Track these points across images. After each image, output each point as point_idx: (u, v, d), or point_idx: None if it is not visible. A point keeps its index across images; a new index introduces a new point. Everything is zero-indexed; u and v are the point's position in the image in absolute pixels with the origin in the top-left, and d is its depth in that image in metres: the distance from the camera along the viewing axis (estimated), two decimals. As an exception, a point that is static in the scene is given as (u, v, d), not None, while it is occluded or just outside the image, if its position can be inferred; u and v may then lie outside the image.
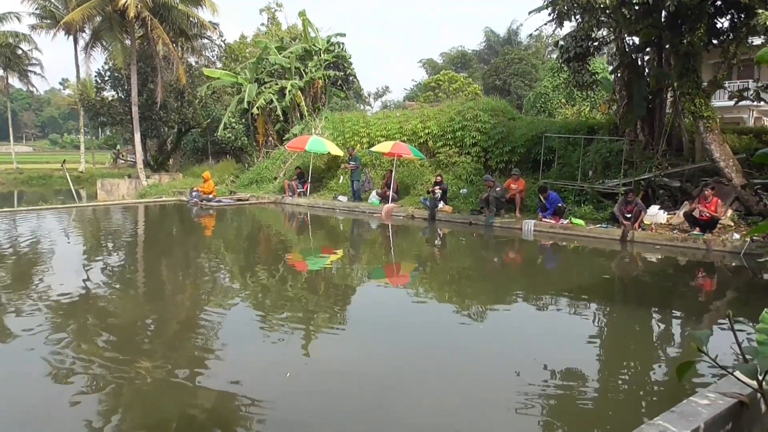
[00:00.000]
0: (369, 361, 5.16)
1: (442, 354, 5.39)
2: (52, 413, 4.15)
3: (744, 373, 1.21)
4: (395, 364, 5.10)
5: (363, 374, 4.86)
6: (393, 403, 4.29)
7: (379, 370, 4.93)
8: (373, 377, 4.79)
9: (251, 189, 20.78)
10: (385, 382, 4.69)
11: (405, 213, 15.56)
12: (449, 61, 54.94)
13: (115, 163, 41.30)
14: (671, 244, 11.08)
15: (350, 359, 5.23)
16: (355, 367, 5.01)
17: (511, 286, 8.65)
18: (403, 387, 4.58)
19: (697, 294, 8.54)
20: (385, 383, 4.66)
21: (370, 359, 5.22)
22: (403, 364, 5.09)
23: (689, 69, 12.17)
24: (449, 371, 4.94)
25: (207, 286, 8.38)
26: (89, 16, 24.26)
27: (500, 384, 4.67)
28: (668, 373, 4.99)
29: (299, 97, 22.97)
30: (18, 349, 5.35)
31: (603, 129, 15.75)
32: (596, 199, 13.56)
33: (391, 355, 5.33)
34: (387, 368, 4.98)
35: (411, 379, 4.75)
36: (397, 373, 4.86)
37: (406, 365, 5.06)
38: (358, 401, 4.38)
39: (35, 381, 4.59)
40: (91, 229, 14.70)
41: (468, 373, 4.92)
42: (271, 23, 36.93)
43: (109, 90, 29.45)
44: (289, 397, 4.37)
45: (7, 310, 6.55)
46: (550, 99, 28.41)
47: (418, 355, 5.34)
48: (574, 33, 14.42)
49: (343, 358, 5.25)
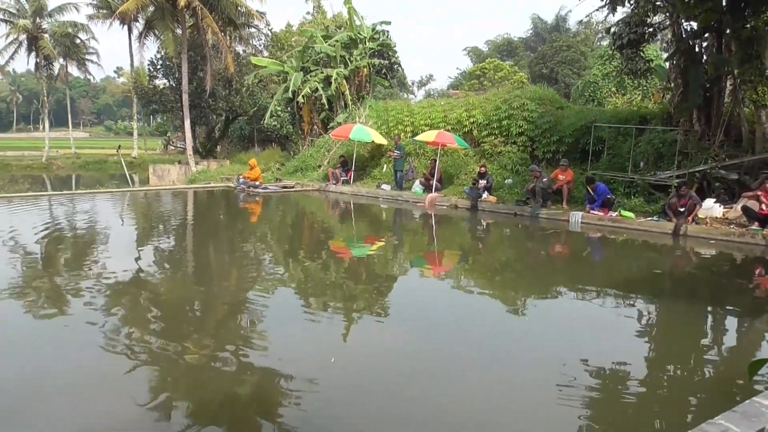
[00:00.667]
0: (407, 354, 5.15)
1: (483, 346, 5.34)
2: (105, 384, 4.35)
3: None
4: (436, 357, 5.07)
5: (402, 366, 4.85)
6: (432, 398, 4.28)
7: (419, 364, 4.91)
8: (412, 371, 4.77)
9: (296, 176, 21.04)
10: (420, 377, 4.67)
11: (448, 203, 15.46)
12: (495, 49, 54.02)
13: (165, 150, 42.53)
14: (727, 239, 10.63)
15: (388, 350, 5.24)
16: (392, 359, 5.01)
17: (556, 279, 8.48)
18: (444, 382, 4.56)
19: (755, 292, 8.17)
20: (420, 378, 4.64)
21: (410, 351, 5.21)
22: (445, 358, 5.05)
23: (752, 55, 11.59)
24: (490, 364, 4.88)
25: (252, 270, 8.56)
26: (143, 6, 24.96)
27: (543, 378, 4.58)
28: (723, 372, 4.80)
29: (344, 86, 23.03)
30: (76, 323, 5.61)
31: (656, 119, 15.19)
32: (647, 191, 13.12)
33: (432, 348, 5.30)
34: (427, 362, 4.95)
35: (452, 373, 4.72)
36: (437, 368, 4.84)
37: (447, 359, 5.03)
38: (397, 393, 4.38)
39: (91, 353, 4.82)
40: (143, 212, 15.21)
41: (509, 366, 4.86)
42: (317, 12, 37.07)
43: (160, 78, 30.31)
44: (331, 382, 4.42)
45: (67, 288, 6.89)
46: (599, 87, 27.59)
47: (458, 346, 5.30)
48: (628, 19, 13.93)
49: (381, 348, 5.26)
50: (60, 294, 6.72)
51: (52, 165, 35.50)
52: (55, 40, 37.02)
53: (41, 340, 5.23)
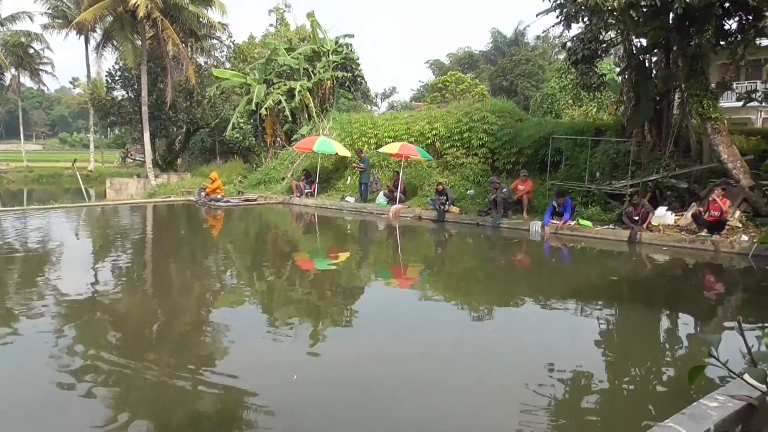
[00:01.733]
0: (375, 362, 5.20)
1: (449, 355, 5.43)
2: (61, 409, 4.21)
3: (753, 377, 1.25)
4: (401, 365, 5.14)
5: (368, 374, 4.90)
6: (398, 403, 4.34)
7: (385, 371, 4.96)
8: (378, 378, 4.83)
9: (259, 189, 20.88)
10: (390, 382, 4.73)
11: (412, 214, 15.61)
12: (456, 62, 54.93)
13: (123, 163, 41.55)
14: (679, 246, 11.08)
15: (356, 359, 5.26)
16: (360, 368, 5.05)
17: (518, 287, 8.67)
18: (409, 388, 4.62)
19: (706, 296, 8.54)
20: (390, 384, 4.70)
21: (376, 360, 5.25)
22: (410, 365, 5.12)
23: (697, 71, 12.15)
24: (456, 372, 4.97)
25: (214, 285, 8.46)
26: (101, 17, 24.48)
27: (507, 385, 4.70)
28: (676, 375, 5.01)
29: (308, 98, 23.06)
30: (27, 346, 5.41)
31: (610, 130, 15.74)
32: (603, 200, 13.56)
33: (397, 356, 5.36)
34: (393, 369, 5.01)
35: (417, 379, 4.78)
36: (403, 374, 4.90)
37: (412, 366, 5.09)
38: (363, 402, 4.42)
39: (44, 377, 4.64)
40: (100, 228, 14.84)
41: (475, 374, 4.95)
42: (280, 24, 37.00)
43: (119, 89, 29.70)
44: (295, 396, 4.41)
45: (17, 308, 6.63)
46: (557, 100, 28.40)
47: (424, 356, 5.37)
48: (582, 35, 14.43)
49: (349, 359, 5.29)
50: (10, 314, 6.45)
51: (3, 179, 34.21)
52: (6, 49, 35.85)
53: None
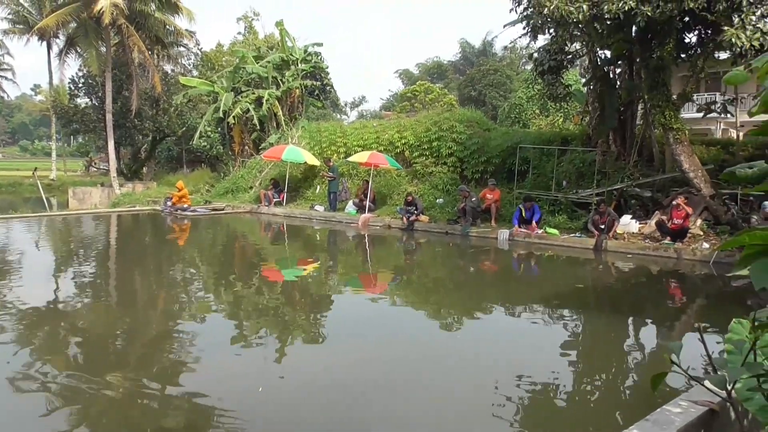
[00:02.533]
0: (343, 374, 5.13)
1: (419, 364, 5.39)
2: (23, 426, 4.04)
3: (714, 383, 1.24)
4: (371, 374, 5.09)
5: (338, 385, 4.83)
6: (368, 413, 4.28)
7: (355, 384, 4.90)
8: (346, 389, 4.76)
9: (227, 198, 20.60)
10: (358, 394, 4.67)
11: (382, 223, 15.58)
12: (425, 72, 55.43)
13: (87, 171, 40.51)
14: (643, 253, 11.30)
15: (326, 370, 5.19)
16: (330, 378, 4.98)
17: (487, 295, 8.71)
18: (378, 397, 4.57)
19: (669, 302, 8.71)
20: (358, 395, 4.64)
21: (345, 372, 5.18)
22: (380, 375, 5.07)
23: (659, 82, 12.49)
24: (426, 381, 4.94)
25: (180, 297, 8.26)
26: (64, 22, 23.88)
27: (476, 393, 4.69)
28: (642, 381, 5.07)
29: (276, 107, 22.90)
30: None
31: (576, 140, 16.03)
32: (570, 208, 13.78)
33: (367, 365, 5.31)
34: (363, 382, 4.95)
35: (388, 392, 4.74)
36: (373, 387, 4.85)
37: (382, 376, 5.05)
38: (333, 412, 4.35)
39: (3, 393, 4.47)
40: (62, 238, 14.40)
41: (444, 382, 4.93)
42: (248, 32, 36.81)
43: (82, 97, 29.01)
44: (263, 409, 4.32)
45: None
46: (524, 110, 28.84)
47: (394, 365, 5.33)
48: (548, 46, 14.70)
49: (319, 369, 5.21)
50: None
51: (-40, 188, 33.04)
52: (-36, 55, 34.80)
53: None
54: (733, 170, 1.29)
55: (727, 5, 10.25)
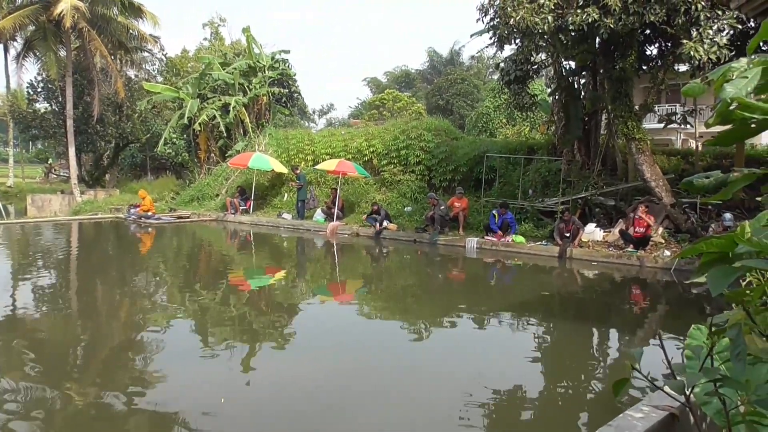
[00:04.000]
0: (312, 381, 5.06)
1: (387, 372, 5.36)
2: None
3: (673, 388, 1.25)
4: (339, 383, 5.03)
5: (305, 394, 4.76)
6: (336, 423, 4.22)
7: (322, 392, 4.84)
8: (316, 397, 4.70)
9: (192, 206, 20.27)
10: (328, 402, 4.61)
11: (350, 231, 15.54)
12: (393, 80, 55.68)
13: (46, 178, 39.32)
14: (607, 261, 11.53)
15: (293, 379, 5.12)
16: (297, 388, 4.91)
17: (454, 303, 8.73)
18: (347, 407, 4.52)
19: (632, 309, 8.88)
20: (328, 403, 4.58)
21: (313, 380, 5.12)
22: (348, 384, 5.02)
23: (621, 93, 12.81)
24: (393, 389, 4.91)
25: (144, 306, 8.05)
26: (21, 25, 23.15)
27: (443, 400, 4.68)
28: (605, 387, 5.14)
29: (243, 114, 22.68)
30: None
31: (542, 149, 16.31)
32: (536, 217, 13.98)
33: (335, 374, 5.25)
34: (331, 388, 4.90)
35: (356, 400, 4.69)
36: (341, 395, 4.79)
37: (350, 385, 5.00)
38: (296, 424, 4.28)
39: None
40: (20, 247, 13.91)
41: (411, 390, 4.90)
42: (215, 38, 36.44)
43: (41, 102, 28.19)
44: (229, 420, 4.22)
45: None
46: (491, 119, 29.21)
47: (362, 374, 5.29)
48: (514, 56, 14.94)
49: (286, 379, 5.14)
50: None
51: None
52: None
53: None
54: (692, 180, 1.31)
55: (686, 19, 10.60)
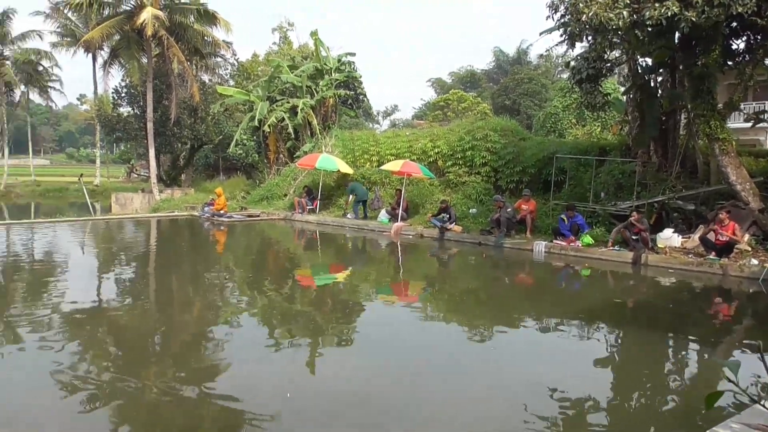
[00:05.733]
0: (372, 381, 5.05)
1: (448, 376, 5.25)
2: (60, 422, 4.14)
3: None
4: (399, 385, 4.97)
5: (366, 394, 4.75)
6: (392, 425, 4.16)
7: (383, 391, 4.81)
8: (375, 398, 4.67)
9: (262, 205, 20.83)
10: (386, 403, 4.57)
11: (414, 232, 15.46)
12: (458, 81, 55.20)
13: (128, 178, 41.73)
14: (686, 269, 10.85)
15: (354, 379, 5.12)
16: (358, 387, 4.91)
17: (520, 308, 8.48)
18: (403, 407, 4.45)
19: (714, 320, 8.31)
20: (385, 404, 4.54)
21: (374, 379, 5.10)
22: (406, 385, 4.96)
23: (703, 90, 12.04)
24: (455, 394, 4.80)
25: (216, 300, 8.33)
26: (108, 35, 24.63)
27: (507, 409, 4.52)
28: (684, 402, 4.82)
29: (310, 116, 23.10)
30: (29, 359, 5.35)
31: (615, 150, 15.62)
32: (608, 221, 13.37)
33: (395, 376, 5.20)
34: (391, 389, 4.85)
35: (415, 401, 4.61)
36: (400, 395, 4.73)
37: (408, 386, 4.94)
38: (359, 421, 4.25)
39: (45, 391, 4.60)
40: (104, 241, 14.76)
41: (474, 397, 4.78)
42: (283, 42, 37.37)
43: (125, 106, 29.88)
44: (292, 415, 4.27)
45: (21, 321, 6.56)
46: (560, 119, 28.36)
47: (423, 376, 5.20)
48: (586, 54, 14.35)
49: (347, 377, 5.15)
50: (12, 326, 6.38)
51: (11, 193, 34.39)
52: (17, 67, 36.27)
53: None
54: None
55: (778, 10, 9.84)
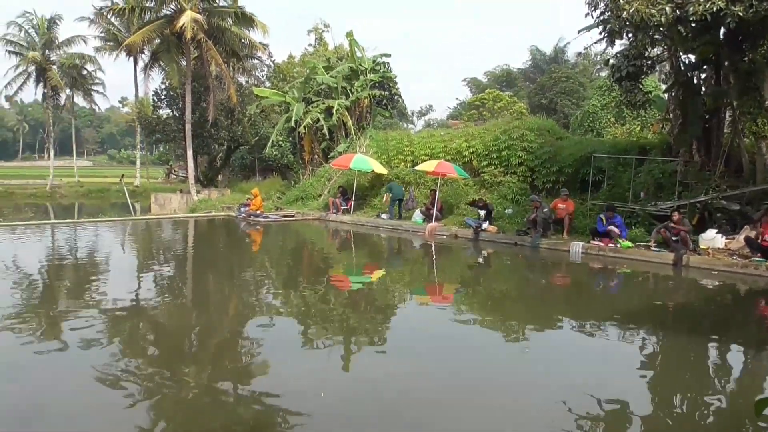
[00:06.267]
0: (407, 382, 5.06)
1: (483, 378, 5.24)
2: (102, 417, 4.26)
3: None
4: (434, 385, 4.98)
5: (400, 394, 4.78)
6: (429, 425, 4.18)
7: (417, 392, 4.82)
8: (410, 398, 4.69)
9: (297, 206, 21.07)
10: (421, 405, 4.58)
11: (448, 232, 15.42)
12: (494, 80, 54.63)
13: (167, 178, 42.74)
14: (730, 271, 10.54)
15: (388, 379, 5.15)
16: (392, 387, 4.95)
17: (557, 310, 8.38)
18: (438, 409, 4.46)
19: (759, 324, 8.06)
20: (421, 406, 4.55)
21: (408, 379, 5.11)
22: (442, 387, 4.96)
23: (750, 87, 11.67)
24: (489, 396, 4.79)
25: (252, 299, 8.50)
26: (149, 39, 25.32)
27: (542, 412, 4.48)
28: (726, 408, 4.70)
29: (345, 116, 23.24)
30: (71, 354, 5.54)
31: (655, 149, 15.26)
32: (648, 221, 13.08)
33: (430, 376, 5.21)
34: (425, 390, 4.87)
35: (449, 402, 4.61)
36: (435, 396, 4.74)
37: (445, 388, 4.94)
38: (392, 422, 4.29)
39: (87, 385, 4.76)
40: (144, 241, 15.20)
41: (508, 399, 4.76)
42: (319, 43, 37.66)
43: (164, 108, 30.65)
44: (327, 414, 4.33)
45: (64, 318, 6.83)
46: (598, 118, 27.78)
47: (457, 377, 5.20)
48: (626, 52, 14.06)
49: (381, 378, 5.18)
50: (59, 323, 6.65)
51: (56, 193, 35.64)
52: (62, 71, 37.58)
53: (39, 371, 5.12)
54: None
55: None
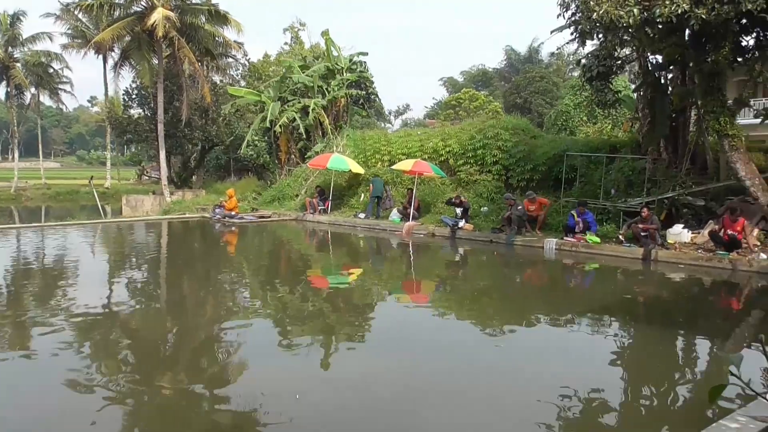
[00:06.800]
0: (386, 380, 5.13)
1: (461, 374, 5.34)
2: (73, 426, 4.18)
3: (777, 397, 1.20)
4: (413, 383, 5.07)
5: (380, 393, 4.84)
6: (409, 423, 4.27)
7: (397, 390, 4.89)
8: (389, 397, 4.76)
9: (273, 206, 20.98)
10: (401, 402, 4.66)
11: (426, 231, 15.55)
12: (470, 80, 55.16)
13: (139, 180, 42.06)
14: (696, 264, 10.89)
15: (368, 378, 5.20)
16: (372, 386, 5.00)
17: (532, 306, 8.56)
18: (420, 408, 4.54)
19: (723, 315, 8.36)
20: (401, 403, 4.63)
21: (388, 378, 5.19)
22: (422, 385, 5.05)
23: (714, 87, 12.06)
24: (468, 392, 4.89)
25: (228, 302, 8.46)
26: (119, 36, 24.90)
27: (519, 405, 4.61)
28: (693, 395, 4.89)
29: (322, 116, 23.21)
30: (41, 362, 5.42)
31: (625, 147, 15.64)
32: (618, 217, 13.41)
33: (409, 374, 5.29)
34: (404, 388, 4.94)
35: (428, 400, 4.71)
36: (414, 394, 4.83)
37: (424, 385, 5.02)
38: (374, 421, 4.36)
39: (57, 394, 4.65)
40: (115, 244, 14.96)
41: (486, 394, 4.87)
42: (295, 42, 37.52)
43: (135, 108, 30.19)
44: (306, 415, 4.36)
45: (32, 324, 6.64)
46: (571, 117, 28.32)
47: (436, 375, 5.30)
48: (597, 52, 14.39)
49: (361, 377, 5.23)
50: (24, 330, 6.47)
51: (21, 196, 34.77)
52: (27, 69, 36.67)
53: (2, 380, 4.99)
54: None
55: (788, 7, 9.83)
